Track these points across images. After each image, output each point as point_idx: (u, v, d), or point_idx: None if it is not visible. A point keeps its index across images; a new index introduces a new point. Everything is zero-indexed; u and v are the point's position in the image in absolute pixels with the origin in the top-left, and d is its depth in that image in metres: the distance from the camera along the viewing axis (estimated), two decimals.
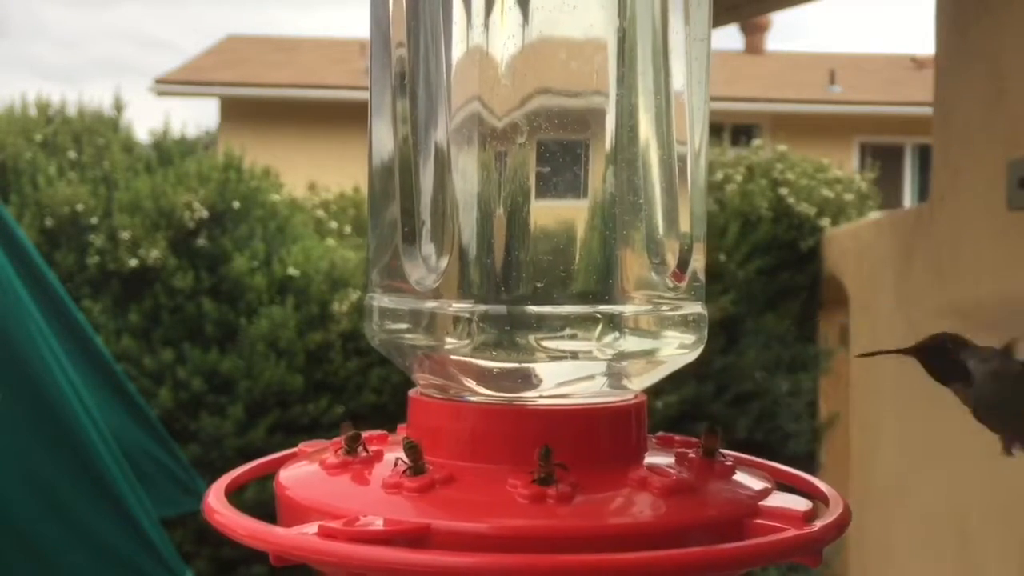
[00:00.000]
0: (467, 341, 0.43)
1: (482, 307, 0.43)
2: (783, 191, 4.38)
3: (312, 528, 0.36)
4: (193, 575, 2.22)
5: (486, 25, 0.44)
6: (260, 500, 0.42)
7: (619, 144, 0.46)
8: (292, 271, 4.18)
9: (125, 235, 4.08)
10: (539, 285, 0.44)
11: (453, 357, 0.44)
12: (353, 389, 4.08)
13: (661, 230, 0.48)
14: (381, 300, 0.49)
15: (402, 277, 0.47)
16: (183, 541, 3.62)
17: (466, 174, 0.44)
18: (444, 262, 0.45)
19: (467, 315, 0.44)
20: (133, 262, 4.05)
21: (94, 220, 4.16)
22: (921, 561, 2.47)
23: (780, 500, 0.44)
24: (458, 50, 0.45)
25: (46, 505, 1.82)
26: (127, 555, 1.91)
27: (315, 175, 5.86)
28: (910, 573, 2.58)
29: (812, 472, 0.51)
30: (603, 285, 0.46)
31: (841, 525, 0.42)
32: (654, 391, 0.49)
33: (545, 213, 0.45)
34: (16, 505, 1.78)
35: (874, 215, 4.29)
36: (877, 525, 2.73)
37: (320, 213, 5.04)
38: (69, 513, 1.85)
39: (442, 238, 0.45)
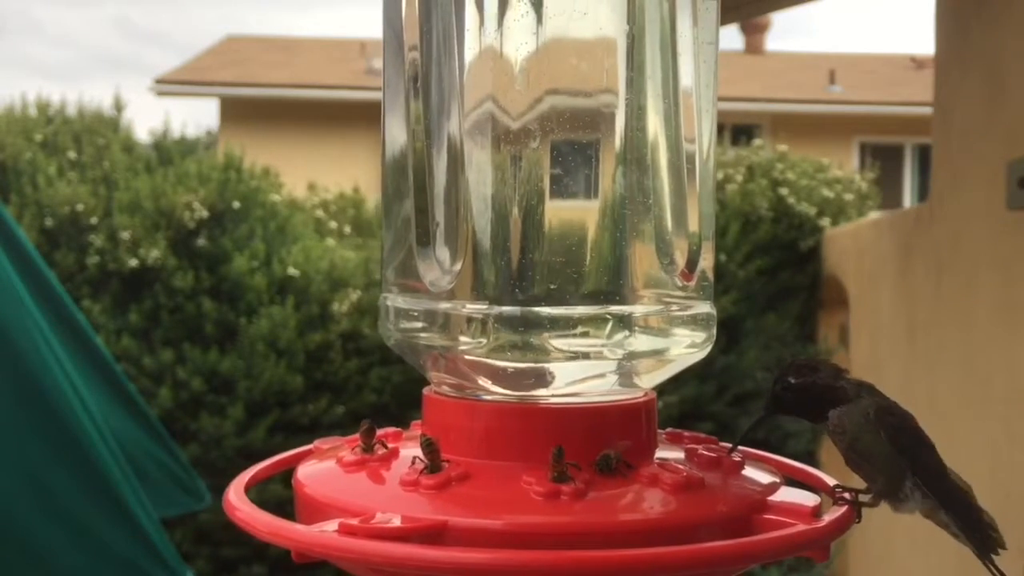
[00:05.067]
0: (481, 341, 0.44)
1: (496, 308, 0.44)
2: (783, 191, 4.39)
3: (332, 525, 0.37)
4: (193, 575, 2.22)
5: (499, 28, 0.44)
6: (260, 500, 0.42)
7: (629, 145, 0.47)
8: (292, 271, 4.18)
9: (125, 235, 4.08)
10: (552, 286, 0.44)
11: (467, 357, 0.45)
12: (353, 389, 4.08)
13: (670, 230, 0.49)
14: (396, 300, 0.49)
15: (416, 277, 0.47)
16: (183, 541, 3.63)
17: (480, 175, 0.44)
18: (458, 263, 0.45)
19: (481, 316, 0.44)
20: (133, 262, 4.05)
21: (94, 220, 4.16)
22: (921, 561, 2.48)
23: (788, 495, 0.44)
24: (471, 52, 0.45)
25: (46, 505, 1.82)
26: (127, 555, 1.91)
27: (315, 175, 5.86)
28: (910, 573, 2.58)
29: None
30: (614, 285, 0.46)
31: (848, 519, 0.42)
32: (655, 391, 0.50)
33: (557, 214, 0.45)
34: (16, 505, 1.78)
35: (874, 215, 4.30)
36: (877, 525, 2.74)
37: (320, 213, 5.04)
38: (69, 513, 1.85)
39: (456, 239, 0.45)
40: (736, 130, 6.44)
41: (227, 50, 9.14)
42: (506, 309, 0.43)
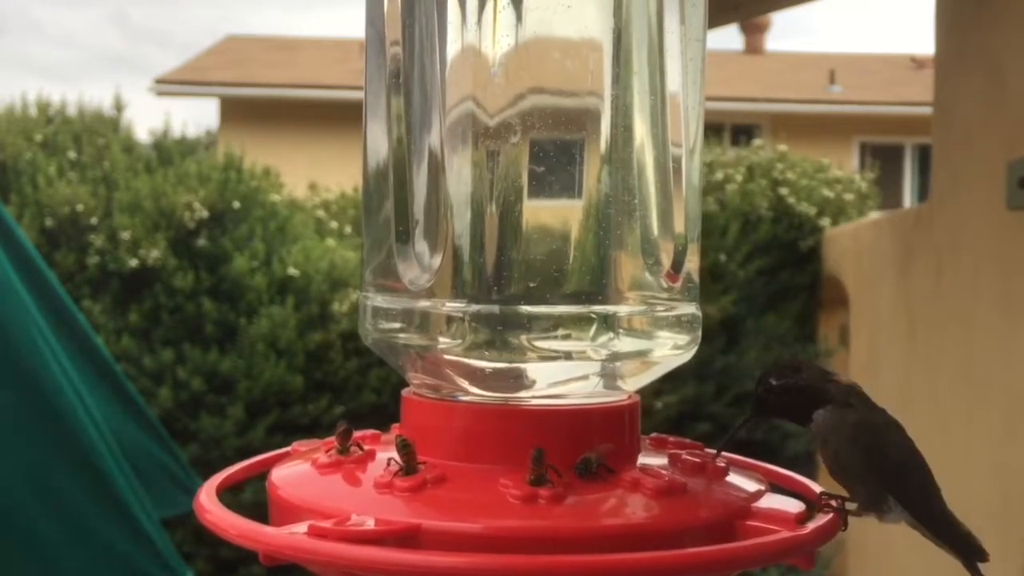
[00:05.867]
0: (460, 341, 0.43)
1: (475, 307, 0.43)
2: (783, 191, 4.38)
3: (302, 527, 0.36)
4: (193, 575, 2.22)
5: (480, 24, 0.44)
6: (259, 500, 0.42)
7: (614, 144, 0.46)
8: (292, 271, 4.18)
9: (125, 235, 4.08)
10: (532, 285, 0.44)
11: (446, 357, 0.44)
12: (353, 389, 4.08)
13: (655, 231, 0.48)
14: (375, 300, 0.48)
15: (396, 276, 0.47)
16: (183, 541, 3.62)
17: (460, 173, 0.44)
18: (437, 261, 0.44)
19: (460, 315, 0.43)
20: (133, 262, 4.05)
21: (94, 220, 4.16)
22: (920, 561, 2.47)
23: (773, 502, 0.44)
24: (452, 49, 0.45)
25: (46, 505, 1.82)
26: (127, 555, 1.91)
27: (315, 175, 5.86)
28: (909, 573, 2.57)
29: (811, 473, 0.51)
30: (597, 285, 0.46)
31: (833, 527, 0.41)
32: (654, 391, 0.49)
33: (539, 213, 0.45)
34: (16, 505, 1.78)
35: (874, 215, 4.29)
36: (876, 525, 2.73)
37: (320, 213, 5.04)
38: (69, 513, 1.85)
39: (435, 237, 0.45)
40: (736, 130, 6.44)
41: (227, 50, 9.15)
42: (485, 307, 0.43)
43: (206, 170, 4.38)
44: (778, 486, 0.48)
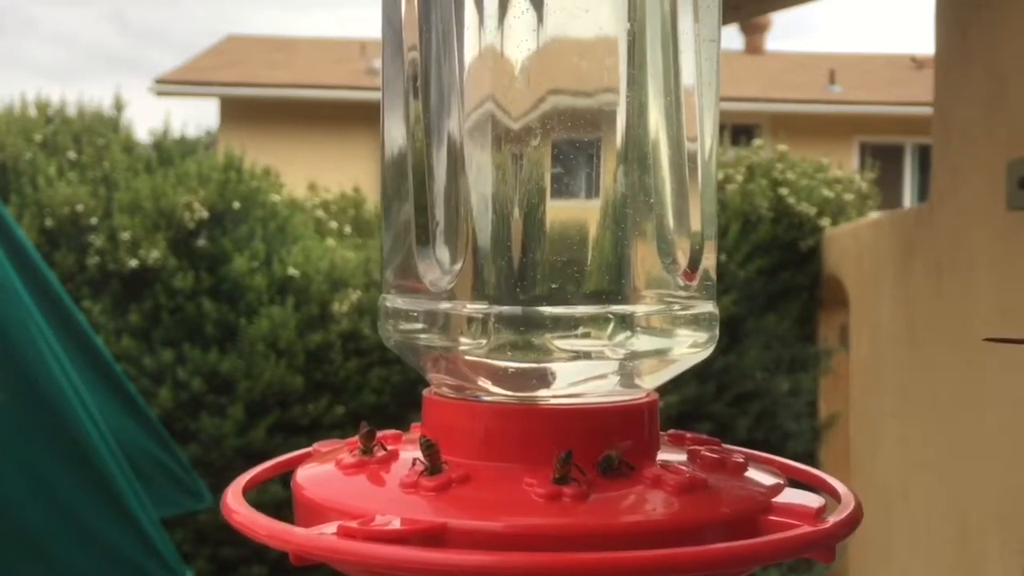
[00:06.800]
0: (482, 342, 0.44)
1: (497, 308, 0.43)
2: (783, 191, 4.39)
3: (331, 528, 0.37)
4: (193, 575, 2.22)
5: (500, 27, 0.44)
6: (259, 502, 0.42)
7: (630, 144, 0.46)
8: (292, 271, 4.19)
9: (125, 235, 4.08)
10: (553, 286, 0.44)
11: (468, 358, 0.45)
12: (353, 389, 4.08)
13: (672, 229, 0.48)
14: (395, 301, 0.49)
15: (416, 277, 0.47)
16: (183, 541, 3.63)
17: (480, 174, 0.44)
18: (459, 264, 0.45)
19: (482, 316, 0.44)
20: (133, 262, 4.05)
21: (94, 220, 4.16)
22: (921, 561, 2.48)
23: (792, 496, 0.44)
24: (471, 52, 0.45)
25: (46, 505, 1.83)
26: (127, 555, 1.92)
27: (315, 175, 5.87)
28: (910, 573, 2.58)
29: None
30: (615, 285, 0.46)
31: (854, 520, 0.42)
32: (656, 391, 0.50)
33: (558, 213, 0.45)
34: (16, 505, 1.78)
35: (874, 215, 4.30)
36: (877, 525, 2.74)
37: (320, 213, 5.04)
38: (69, 513, 1.85)
39: (456, 240, 0.45)
40: (736, 130, 6.45)
41: (227, 50, 9.14)
42: (507, 309, 0.43)
43: (206, 170, 4.39)
44: (795, 480, 0.48)
